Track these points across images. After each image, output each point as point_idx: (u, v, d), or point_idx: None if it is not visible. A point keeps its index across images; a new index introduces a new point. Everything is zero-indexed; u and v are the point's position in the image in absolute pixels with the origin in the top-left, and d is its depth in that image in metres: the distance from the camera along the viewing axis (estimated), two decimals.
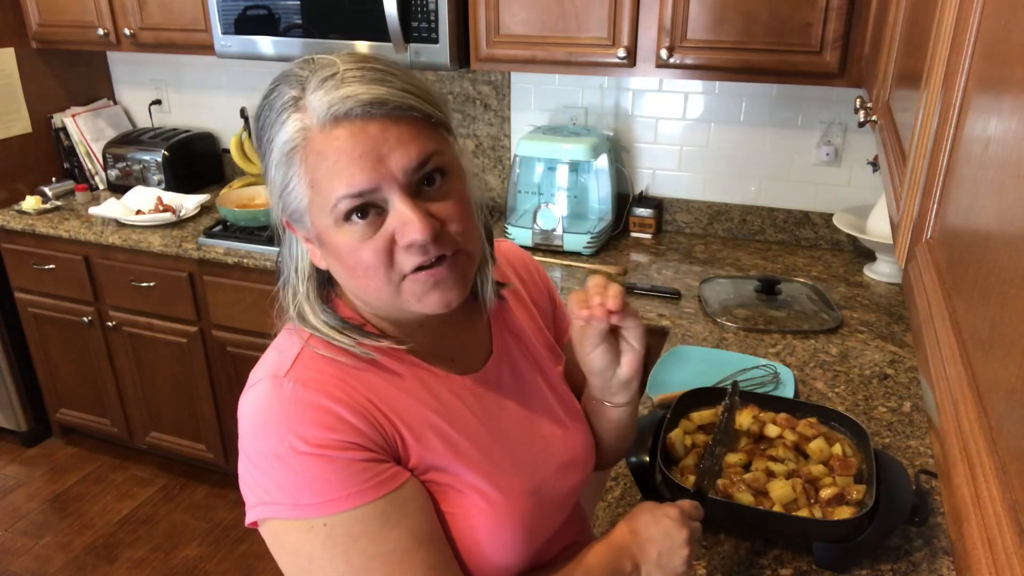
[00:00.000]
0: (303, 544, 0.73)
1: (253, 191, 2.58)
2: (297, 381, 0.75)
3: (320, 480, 0.71)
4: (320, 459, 0.71)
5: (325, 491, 0.71)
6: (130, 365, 2.68)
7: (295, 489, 0.71)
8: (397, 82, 0.72)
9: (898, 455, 1.30)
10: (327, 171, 0.71)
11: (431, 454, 0.78)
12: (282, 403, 0.74)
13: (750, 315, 1.84)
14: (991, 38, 0.56)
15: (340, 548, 0.72)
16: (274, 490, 0.72)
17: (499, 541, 0.80)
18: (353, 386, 0.76)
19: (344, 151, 0.70)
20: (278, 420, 0.73)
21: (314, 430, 0.72)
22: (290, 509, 0.72)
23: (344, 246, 0.74)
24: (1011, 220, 0.45)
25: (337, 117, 0.69)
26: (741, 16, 1.83)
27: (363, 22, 2.11)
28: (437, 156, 0.74)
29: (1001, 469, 0.41)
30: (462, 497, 0.79)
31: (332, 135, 0.70)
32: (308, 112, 0.71)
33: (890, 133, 1.07)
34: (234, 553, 2.48)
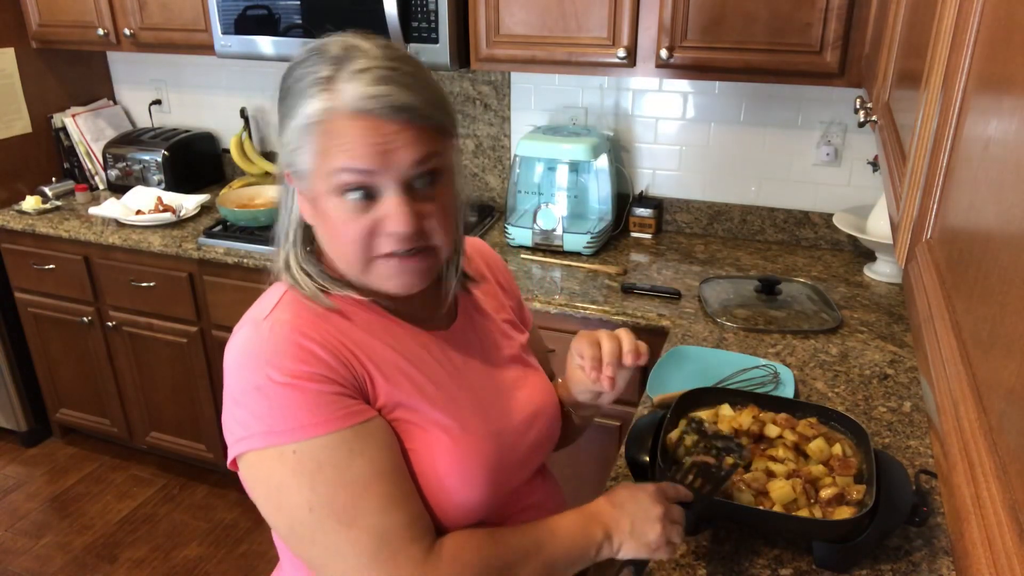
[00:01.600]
0: (274, 472, 0.78)
1: (253, 191, 2.58)
2: (275, 322, 0.81)
3: (292, 408, 0.77)
4: (293, 388, 0.77)
5: (296, 418, 0.76)
6: (130, 365, 2.68)
7: (269, 417, 0.77)
8: (425, 92, 0.79)
9: (898, 455, 1.30)
10: (338, 146, 0.77)
11: (398, 392, 0.84)
12: (260, 340, 0.80)
13: (750, 315, 1.84)
14: (991, 38, 0.56)
15: (307, 475, 0.77)
16: (251, 422, 0.78)
17: (461, 477, 0.84)
18: (327, 328, 0.82)
19: (359, 137, 0.76)
20: (256, 354, 0.79)
21: (289, 362, 0.77)
22: (263, 437, 0.77)
23: (333, 216, 0.80)
24: (1011, 220, 0.45)
25: (362, 112, 0.76)
26: (741, 16, 1.83)
27: (363, 22, 2.11)
28: (436, 159, 0.81)
29: (1001, 469, 0.41)
30: (426, 433, 0.84)
31: (353, 123, 0.76)
32: (337, 96, 0.77)
33: (890, 133, 1.07)
34: (234, 553, 2.48)
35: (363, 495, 0.78)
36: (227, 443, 0.82)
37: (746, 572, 1.06)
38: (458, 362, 0.92)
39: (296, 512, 0.78)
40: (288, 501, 0.78)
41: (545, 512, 0.94)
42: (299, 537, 0.79)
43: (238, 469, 0.82)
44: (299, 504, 0.77)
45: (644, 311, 1.87)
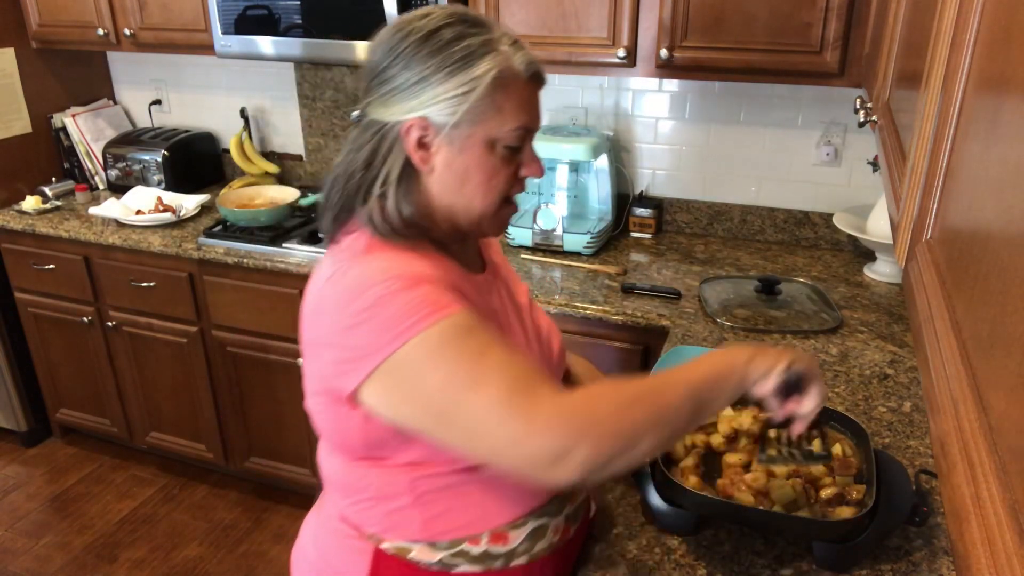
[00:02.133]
0: (412, 369, 0.82)
1: (253, 191, 2.58)
2: (374, 255, 0.90)
3: (412, 305, 0.83)
4: (409, 290, 0.84)
5: (416, 312, 0.83)
6: (130, 365, 2.68)
7: (396, 321, 0.82)
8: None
9: (898, 455, 1.30)
10: (514, 107, 0.91)
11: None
12: (369, 266, 0.88)
13: (750, 315, 1.84)
14: (991, 38, 0.56)
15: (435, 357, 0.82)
16: (382, 331, 0.83)
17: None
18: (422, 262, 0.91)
19: (528, 100, 0.93)
20: (366, 278, 0.86)
21: (404, 272, 0.86)
22: (394, 341, 0.82)
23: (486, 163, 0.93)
24: (1011, 220, 0.45)
25: (533, 74, 0.93)
26: (741, 16, 1.83)
27: (363, 22, 2.11)
28: None
29: (1001, 469, 0.41)
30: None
31: (527, 86, 0.92)
32: (506, 59, 0.90)
33: (890, 133, 1.07)
34: (234, 553, 2.48)
35: (482, 360, 0.82)
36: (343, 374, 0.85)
37: (746, 572, 1.06)
38: (505, 299, 1.06)
39: (433, 397, 0.82)
40: (424, 390, 0.82)
41: None
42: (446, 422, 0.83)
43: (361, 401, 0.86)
44: (434, 386, 0.82)
45: (644, 311, 1.87)
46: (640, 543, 1.12)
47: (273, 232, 2.36)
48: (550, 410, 0.79)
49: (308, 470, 2.56)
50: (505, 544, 0.97)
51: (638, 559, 1.09)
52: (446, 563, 0.97)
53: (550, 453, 0.78)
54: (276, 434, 2.55)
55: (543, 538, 1.00)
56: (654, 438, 0.82)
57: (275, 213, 2.39)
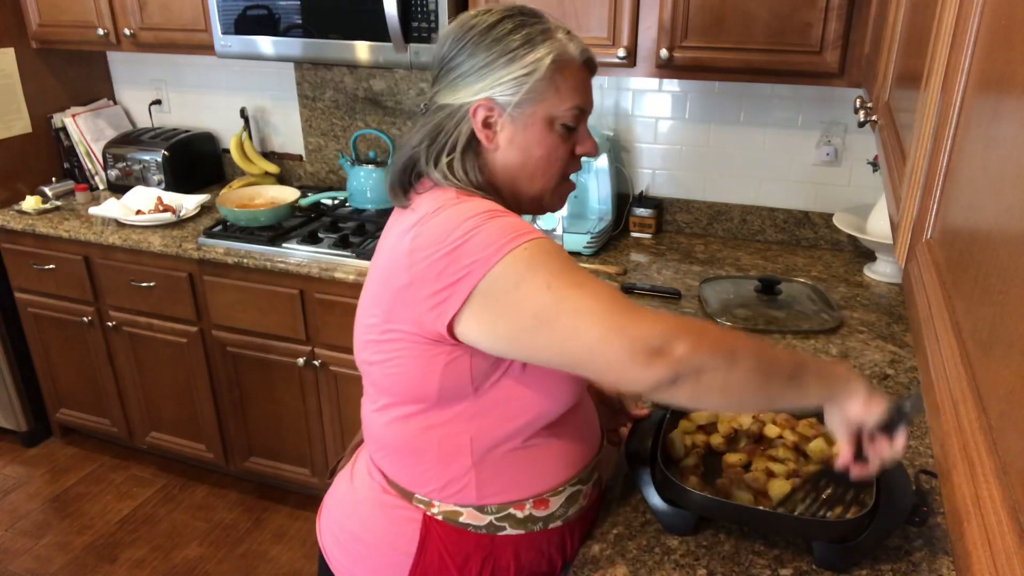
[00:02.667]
0: (509, 276, 0.88)
1: (253, 191, 2.58)
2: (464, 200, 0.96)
3: (509, 225, 0.91)
4: (504, 214, 0.94)
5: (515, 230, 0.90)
6: (130, 365, 2.68)
7: (496, 238, 0.89)
8: None
9: None
10: (573, 86, 1.01)
11: None
12: (458, 208, 0.94)
13: (750, 315, 1.84)
14: (991, 38, 0.56)
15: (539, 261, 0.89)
16: (479, 249, 0.89)
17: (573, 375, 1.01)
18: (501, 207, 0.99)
19: (583, 83, 1.02)
20: (463, 212, 0.93)
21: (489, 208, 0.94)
22: (495, 254, 0.88)
23: (546, 141, 1.01)
24: (1011, 220, 0.45)
25: (589, 59, 1.03)
26: (741, 16, 1.83)
27: (363, 22, 2.11)
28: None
29: (1001, 469, 0.41)
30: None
31: (582, 70, 1.02)
32: (563, 46, 1.00)
33: (890, 133, 1.07)
34: (234, 553, 2.48)
35: (580, 272, 0.90)
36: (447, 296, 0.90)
37: (746, 572, 1.06)
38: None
39: (537, 296, 0.87)
40: (528, 289, 0.87)
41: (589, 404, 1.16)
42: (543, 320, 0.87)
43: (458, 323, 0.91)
44: (539, 285, 0.87)
45: None
46: (640, 543, 1.12)
47: (273, 232, 2.36)
48: (655, 313, 0.86)
49: (308, 470, 2.56)
50: (546, 509, 1.06)
51: (638, 559, 1.09)
52: (494, 526, 1.05)
53: (653, 342, 0.82)
54: (276, 434, 2.55)
55: (576, 503, 1.10)
56: (748, 377, 0.86)
57: (275, 213, 2.39)
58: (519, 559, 1.07)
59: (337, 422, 2.42)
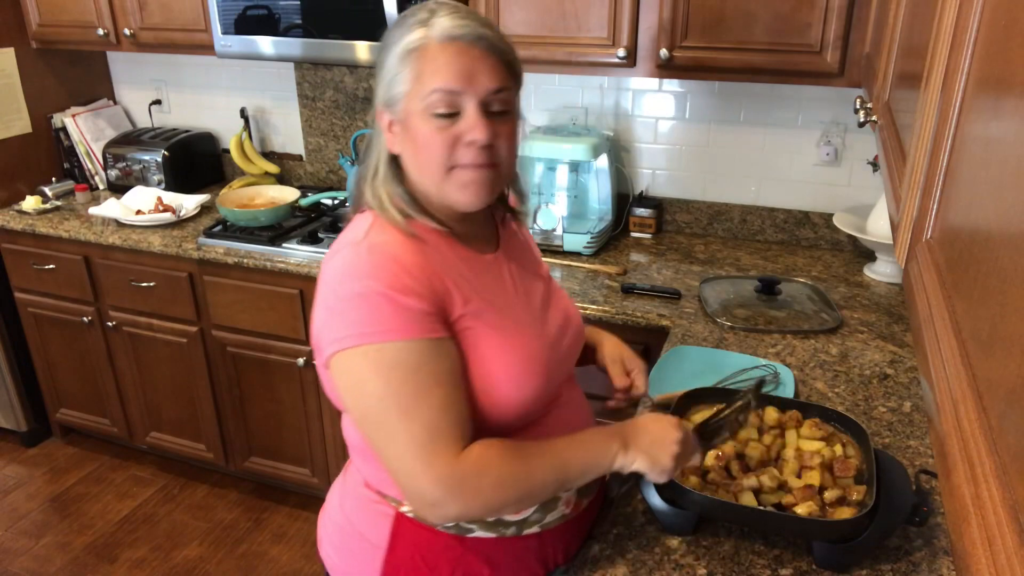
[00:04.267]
0: (359, 367, 0.92)
1: (253, 191, 2.58)
2: (372, 243, 0.96)
3: (383, 315, 0.91)
4: (387, 299, 0.91)
5: (384, 322, 0.91)
6: (130, 365, 2.68)
7: (361, 323, 0.91)
8: (501, 37, 0.99)
9: (898, 455, 1.30)
10: (432, 70, 0.94)
11: (470, 305, 0.99)
12: (362, 256, 0.94)
13: (750, 315, 1.84)
14: (991, 38, 0.56)
15: (383, 371, 0.91)
16: (347, 325, 0.92)
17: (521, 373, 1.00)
18: (414, 249, 0.97)
19: (450, 60, 0.94)
20: (359, 268, 0.93)
21: (387, 276, 0.92)
22: (357, 338, 0.91)
23: (422, 133, 0.96)
24: (1011, 220, 0.45)
25: (453, 36, 0.94)
26: (741, 16, 1.83)
27: (363, 22, 2.11)
28: (507, 92, 0.97)
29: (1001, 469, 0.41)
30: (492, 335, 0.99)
31: (445, 48, 0.94)
32: (432, 28, 0.94)
33: (890, 133, 1.07)
34: (234, 553, 2.48)
35: (425, 396, 0.92)
36: (319, 346, 0.96)
37: (746, 572, 1.06)
38: (508, 279, 1.09)
39: (369, 401, 0.92)
40: (365, 391, 0.92)
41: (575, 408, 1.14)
42: (369, 422, 0.94)
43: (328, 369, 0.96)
44: (372, 394, 0.92)
45: (644, 311, 1.87)
46: (640, 543, 1.12)
47: (273, 232, 2.36)
48: (446, 469, 0.91)
49: (308, 470, 2.56)
50: (517, 513, 1.05)
51: (638, 559, 1.09)
52: (462, 527, 1.05)
53: (430, 499, 0.92)
54: (276, 434, 2.55)
55: (554, 510, 1.07)
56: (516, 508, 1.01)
57: (275, 213, 2.39)
58: (493, 564, 1.06)
59: (337, 422, 2.42)
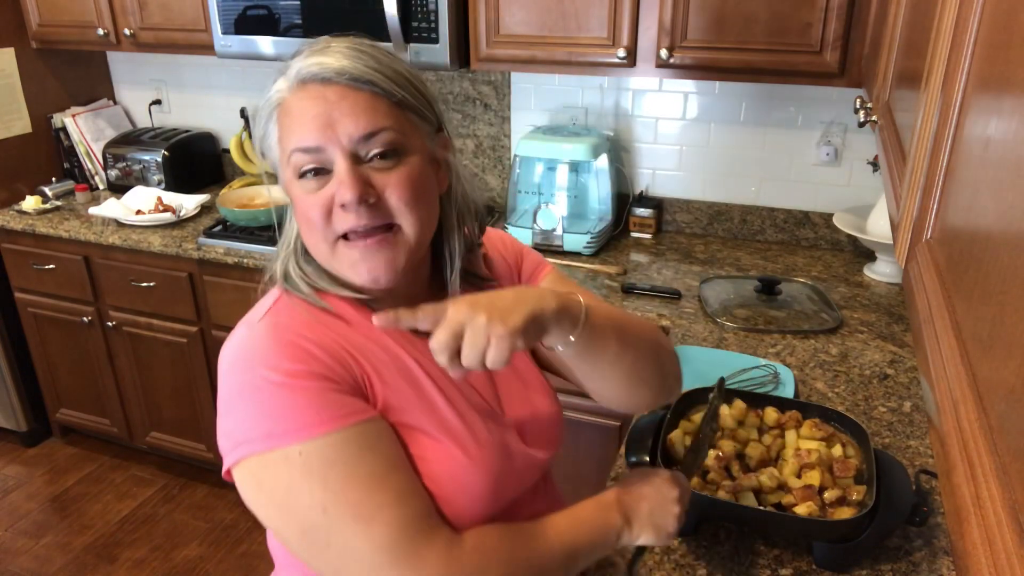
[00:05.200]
0: (280, 475, 0.74)
1: (253, 191, 2.58)
2: (269, 324, 0.80)
3: (293, 408, 0.74)
4: (292, 388, 0.74)
5: (298, 417, 0.74)
6: (130, 365, 2.68)
7: (268, 419, 0.74)
8: (369, 60, 0.78)
9: (898, 455, 1.30)
10: (288, 127, 0.79)
11: (398, 397, 0.81)
12: (254, 341, 0.78)
13: (750, 315, 1.84)
14: (991, 38, 0.56)
15: (317, 474, 0.74)
16: (249, 426, 0.75)
17: (466, 487, 0.82)
18: (323, 330, 0.80)
19: (303, 110, 0.77)
20: (250, 356, 0.77)
21: (286, 362, 0.75)
22: (265, 441, 0.74)
23: (297, 199, 0.80)
24: (1011, 220, 0.45)
25: (304, 80, 0.78)
26: (741, 16, 1.83)
27: (363, 22, 2.11)
28: (389, 132, 0.78)
29: (1001, 469, 0.41)
30: (430, 440, 0.81)
31: (298, 95, 0.78)
32: (288, 74, 0.80)
33: (890, 133, 1.07)
34: (234, 553, 2.48)
35: (379, 489, 0.75)
36: (222, 452, 0.79)
37: (746, 572, 1.06)
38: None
39: (309, 514, 0.74)
40: (299, 503, 0.74)
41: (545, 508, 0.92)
42: (312, 542, 0.75)
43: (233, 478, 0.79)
44: (311, 505, 0.74)
45: (644, 311, 1.87)
46: None
47: (273, 232, 2.36)
48: (438, 566, 0.75)
49: None
50: None
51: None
52: None
53: None
54: None
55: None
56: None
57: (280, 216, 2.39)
58: None
59: None
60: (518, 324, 0.70)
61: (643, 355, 0.91)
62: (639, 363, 0.90)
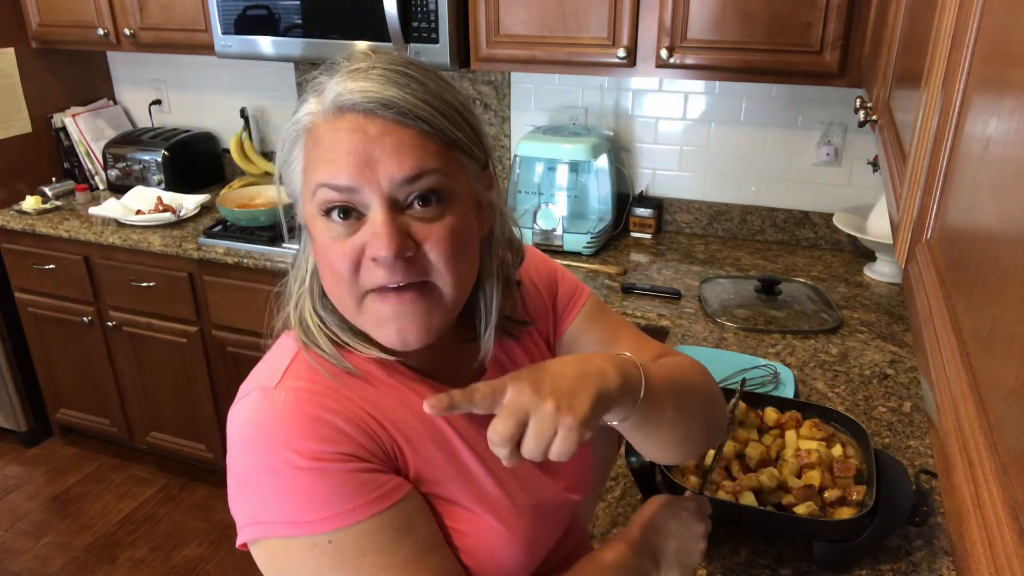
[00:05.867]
0: (307, 563, 0.68)
1: (253, 191, 2.58)
2: (289, 391, 0.70)
3: (321, 495, 0.67)
4: (319, 473, 0.67)
5: (328, 506, 0.67)
6: (130, 365, 2.68)
7: (294, 506, 0.67)
8: (418, 88, 0.68)
9: (898, 455, 1.30)
10: (316, 158, 0.68)
11: (431, 467, 0.75)
12: (274, 415, 0.69)
13: (750, 315, 1.84)
14: (991, 39, 0.56)
15: (349, 563, 0.68)
16: (270, 508, 0.68)
17: (503, 555, 0.77)
18: (348, 396, 0.72)
19: (338, 143, 0.67)
20: (271, 433, 0.68)
21: (310, 442, 0.67)
22: (289, 527, 0.67)
23: (320, 241, 0.70)
24: (1011, 220, 0.45)
25: (342, 108, 0.67)
26: (741, 16, 1.83)
27: (363, 22, 2.11)
28: (436, 176, 0.68)
29: (1001, 469, 0.41)
30: (465, 512, 0.76)
31: (333, 125, 0.68)
32: (324, 96, 0.69)
33: (890, 133, 1.07)
34: (234, 553, 2.47)
35: (416, 570, 0.69)
36: (235, 518, 0.72)
37: (746, 572, 1.06)
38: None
39: None
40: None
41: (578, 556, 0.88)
42: None
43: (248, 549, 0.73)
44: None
45: (644, 311, 1.87)
46: None
47: (273, 232, 2.36)
48: None
49: None
50: None
51: None
52: None
53: None
54: None
55: None
56: None
57: (275, 213, 2.39)
58: None
59: None
60: (587, 412, 0.64)
61: (698, 414, 0.86)
62: (693, 424, 0.85)
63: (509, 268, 0.84)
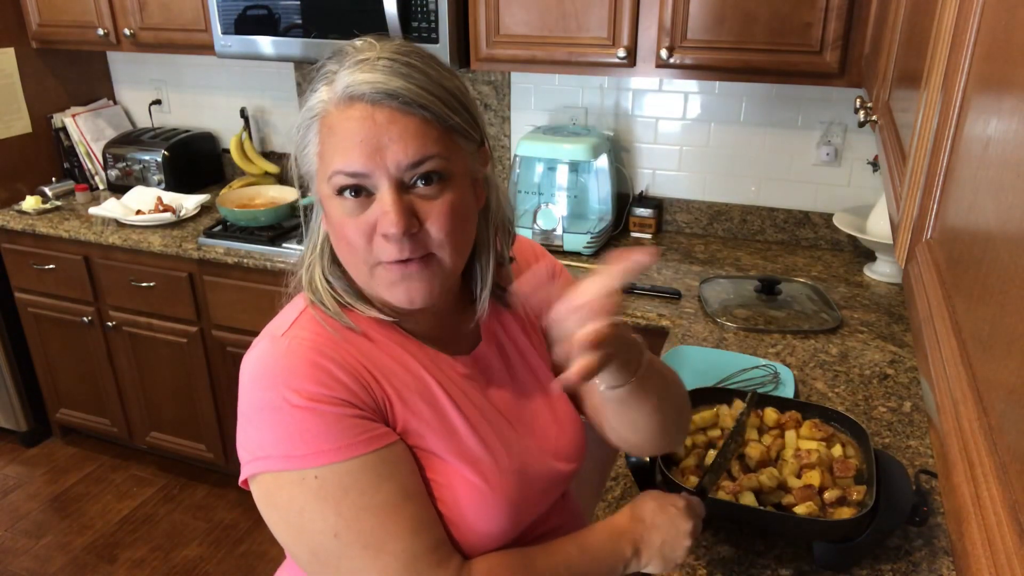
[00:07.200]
0: (295, 496, 0.75)
1: (253, 191, 2.58)
2: (293, 339, 0.79)
3: (313, 432, 0.74)
4: (312, 412, 0.74)
5: (317, 442, 0.74)
6: (130, 365, 2.68)
7: (288, 441, 0.74)
8: (421, 78, 0.75)
9: (898, 455, 1.30)
10: (332, 146, 0.76)
11: (418, 421, 0.81)
12: (277, 358, 0.78)
13: (750, 315, 1.84)
14: (991, 38, 0.56)
15: (331, 500, 0.75)
16: (267, 443, 0.75)
17: (483, 513, 0.82)
18: (347, 349, 0.80)
19: (350, 132, 0.74)
20: (273, 374, 0.77)
21: (308, 384, 0.75)
22: (282, 461, 0.74)
23: (335, 218, 0.78)
24: (1011, 220, 0.45)
25: (352, 97, 0.74)
26: (741, 16, 1.83)
27: (363, 22, 2.11)
28: (437, 160, 0.76)
29: (1001, 469, 0.41)
30: (447, 466, 0.82)
31: (345, 114, 0.75)
32: (335, 85, 0.76)
33: (890, 133, 1.07)
34: (234, 553, 2.48)
35: (391, 519, 0.76)
36: (240, 458, 0.79)
37: (746, 572, 1.06)
38: (480, 389, 0.88)
39: (320, 538, 0.75)
40: (311, 526, 0.75)
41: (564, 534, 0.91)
42: (322, 563, 0.77)
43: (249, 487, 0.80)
44: (323, 530, 0.75)
45: (644, 311, 1.87)
46: None
47: (273, 232, 2.36)
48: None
49: None
50: None
51: None
52: None
53: None
54: None
55: None
56: None
57: (275, 213, 2.39)
58: None
59: None
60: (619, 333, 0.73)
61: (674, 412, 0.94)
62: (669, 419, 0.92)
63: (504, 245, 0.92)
